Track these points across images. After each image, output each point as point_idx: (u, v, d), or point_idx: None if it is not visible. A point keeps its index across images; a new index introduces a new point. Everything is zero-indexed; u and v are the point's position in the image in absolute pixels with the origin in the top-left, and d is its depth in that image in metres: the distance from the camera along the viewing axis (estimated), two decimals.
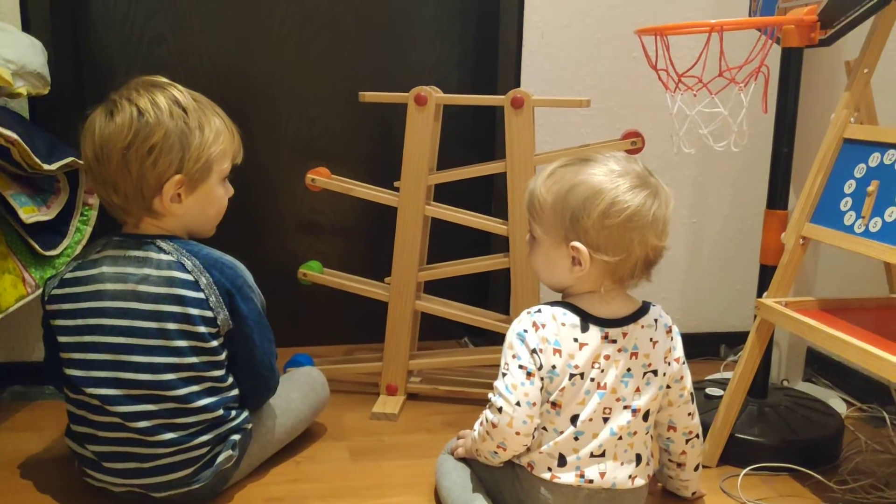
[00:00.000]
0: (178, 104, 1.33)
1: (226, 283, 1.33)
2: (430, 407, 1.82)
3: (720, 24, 1.48)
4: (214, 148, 1.35)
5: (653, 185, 1.20)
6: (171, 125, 1.30)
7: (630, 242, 1.17)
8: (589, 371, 1.20)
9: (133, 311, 1.30)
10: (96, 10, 1.95)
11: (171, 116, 1.31)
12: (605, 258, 1.18)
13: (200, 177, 1.34)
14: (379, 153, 2.13)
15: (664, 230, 1.20)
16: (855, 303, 1.55)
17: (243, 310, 1.35)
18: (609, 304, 1.23)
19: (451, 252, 1.90)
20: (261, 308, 1.40)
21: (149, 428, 1.30)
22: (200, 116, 1.34)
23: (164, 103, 1.31)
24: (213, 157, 1.35)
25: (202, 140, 1.33)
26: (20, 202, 1.56)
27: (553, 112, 2.02)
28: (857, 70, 1.49)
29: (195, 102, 1.35)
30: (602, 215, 1.16)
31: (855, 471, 1.54)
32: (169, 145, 1.30)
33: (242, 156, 1.45)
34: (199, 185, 1.35)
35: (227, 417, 1.37)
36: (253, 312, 1.37)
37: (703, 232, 2.19)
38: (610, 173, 1.18)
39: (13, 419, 1.73)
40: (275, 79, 2.06)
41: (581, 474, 1.22)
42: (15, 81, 1.55)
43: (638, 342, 1.22)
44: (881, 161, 1.38)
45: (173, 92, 1.34)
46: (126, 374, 1.30)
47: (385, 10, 2.08)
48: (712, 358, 2.19)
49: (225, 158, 1.38)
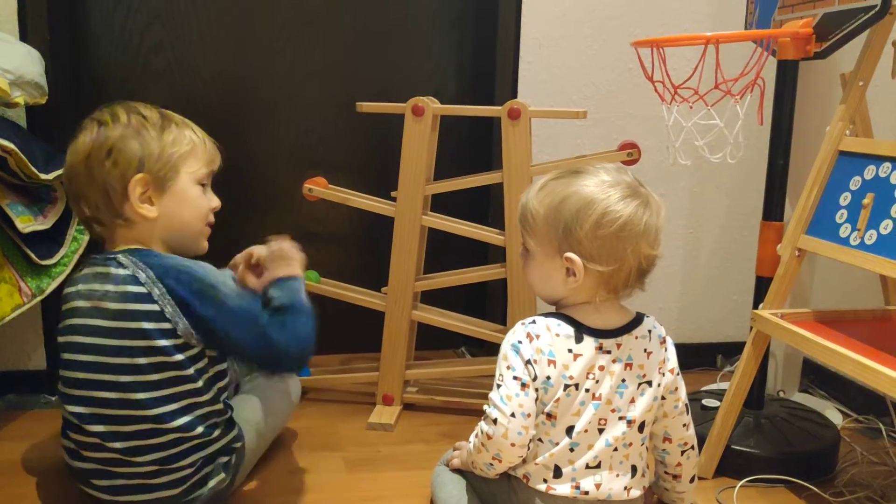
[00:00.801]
0: (139, 114, 1.33)
1: (181, 290, 1.26)
2: (426, 417, 1.82)
3: (716, 36, 1.48)
4: (177, 148, 1.33)
5: (643, 194, 1.21)
6: (127, 129, 1.30)
7: (623, 252, 1.18)
8: (584, 382, 1.20)
9: (98, 328, 1.27)
10: (94, 19, 1.95)
11: (129, 122, 1.31)
12: (598, 268, 1.18)
13: (166, 175, 1.32)
14: (376, 163, 2.13)
15: (656, 239, 1.21)
16: (850, 314, 1.55)
17: (206, 315, 1.27)
18: (603, 315, 1.23)
19: (448, 262, 1.91)
20: (233, 301, 1.30)
21: (126, 449, 1.27)
22: (163, 123, 1.33)
23: (123, 115, 1.32)
24: (178, 157, 1.32)
25: (161, 139, 1.31)
26: (17, 212, 1.56)
27: (549, 122, 2.03)
28: (852, 82, 1.50)
29: (159, 114, 1.35)
30: (595, 225, 1.17)
31: (851, 483, 1.54)
32: (126, 145, 1.29)
33: (220, 163, 1.42)
34: (168, 185, 1.32)
35: (211, 436, 1.33)
36: (221, 311, 1.28)
37: (700, 242, 2.19)
38: (601, 184, 1.19)
39: (8, 428, 1.72)
40: (272, 88, 2.06)
41: (576, 486, 1.22)
42: (12, 91, 1.56)
43: (632, 353, 1.23)
44: (876, 174, 1.38)
45: (138, 107, 1.34)
46: (98, 393, 1.27)
47: (383, 19, 2.09)
48: (708, 368, 2.19)
49: (193, 160, 1.35)
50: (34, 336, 1.88)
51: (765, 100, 1.58)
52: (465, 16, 2.13)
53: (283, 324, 1.30)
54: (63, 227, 1.70)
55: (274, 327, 1.29)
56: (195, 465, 1.32)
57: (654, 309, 2.13)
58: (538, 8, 1.99)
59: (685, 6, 2.04)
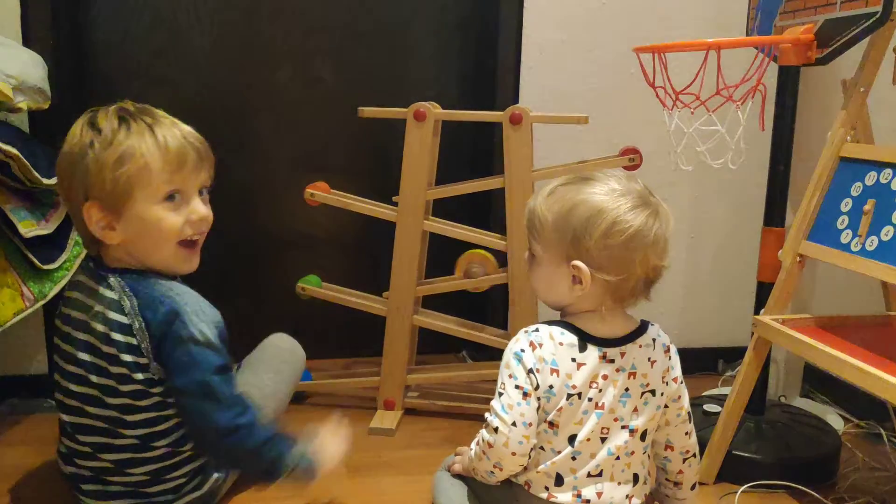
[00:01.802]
0: (94, 126, 1.22)
1: (154, 324, 1.21)
2: (427, 422, 1.82)
3: (717, 42, 1.49)
4: (124, 168, 1.19)
5: (653, 204, 1.20)
6: (74, 149, 1.21)
7: (631, 262, 1.17)
8: (587, 391, 1.20)
9: (86, 344, 1.26)
10: (97, 25, 1.95)
11: (79, 139, 1.22)
12: (606, 277, 1.17)
13: (118, 199, 1.21)
14: (378, 168, 2.13)
15: (665, 249, 1.20)
16: (852, 320, 1.55)
17: (165, 351, 1.20)
18: (608, 324, 1.23)
19: (450, 267, 1.91)
20: (196, 347, 1.21)
21: (118, 461, 1.27)
22: (113, 136, 1.21)
23: (78, 129, 1.23)
24: (125, 179, 1.20)
25: (102, 162, 1.19)
26: (19, 217, 1.57)
27: (551, 127, 2.02)
28: (853, 88, 1.50)
29: (120, 122, 1.23)
30: (604, 235, 1.16)
31: (852, 488, 1.54)
32: (72, 171, 1.21)
33: (210, 171, 1.31)
34: (123, 210, 1.21)
35: (201, 453, 1.32)
36: (192, 374, 1.20)
37: (701, 247, 2.19)
38: (611, 192, 1.18)
39: (10, 433, 1.73)
40: (275, 93, 2.07)
41: (578, 494, 1.21)
42: (15, 96, 1.56)
43: (636, 362, 1.22)
44: (877, 180, 1.38)
45: (99, 116, 1.24)
46: (88, 407, 1.26)
47: (385, 25, 2.09)
48: (710, 373, 2.19)
49: (149, 178, 1.21)
50: (36, 340, 1.88)
51: (766, 105, 1.58)
52: (466, 21, 2.13)
53: (243, 412, 1.24)
54: (65, 231, 1.70)
55: (230, 413, 1.22)
56: (188, 476, 1.32)
57: (655, 314, 2.12)
58: (539, 13, 1.99)
59: (686, 12, 2.04)
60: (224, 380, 1.23)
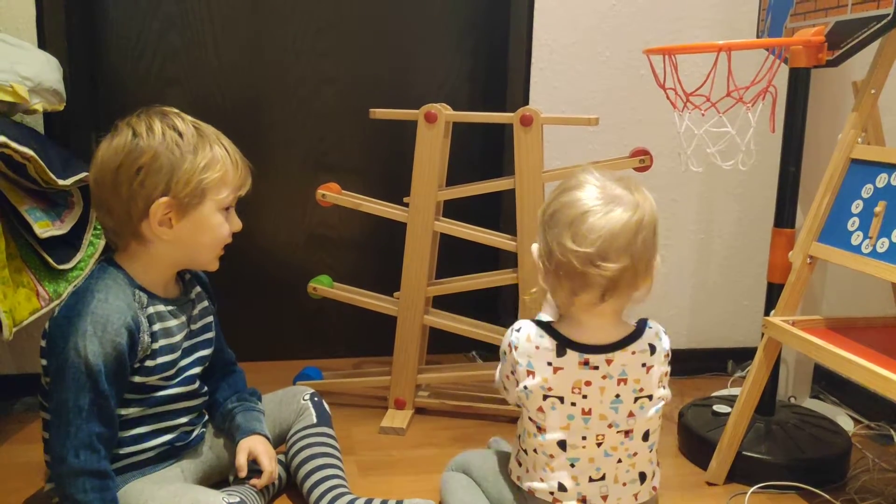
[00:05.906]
0: (175, 129, 1.29)
1: (49, 328, 1.33)
2: (438, 421, 1.83)
3: (728, 44, 1.49)
4: (208, 174, 1.29)
5: (617, 199, 1.15)
6: (161, 147, 1.26)
7: (555, 252, 1.16)
8: (568, 396, 1.20)
9: None
10: (111, 27, 1.97)
11: (164, 139, 1.27)
12: (545, 264, 1.19)
13: (191, 202, 1.29)
14: (389, 169, 2.14)
15: (619, 249, 1.13)
16: (862, 322, 1.55)
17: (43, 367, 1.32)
18: (591, 330, 1.21)
19: (460, 267, 1.92)
20: (70, 386, 1.28)
21: None
22: (197, 142, 1.29)
23: (159, 127, 1.28)
24: (207, 184, 1.29)
25: (193, 164, 1.27)
26: (35, 217, 1.58)
27: (561, 128, 2.03)
28: (864, 90, 1.50)
29: (195, 130, 1.31)
30: (549, 225, 1.17)
31: (862, 489, 1.55)
32: (157, 166, 1.26)
33: (250, 186, 1.39)
34: (191, 211, 1.30)
35: None
36: (56, 386, 1.30)
37: (711, 248, 2.19)
38: (581, 187, 1.18)
39: (25, 430, 1.74)
40: (286, 94, 2.08)
41: (583, 499, 1.22)
42: (31, 98, 1.58)
43: (627, 368, 1.21)
44: (888, 182, 1.38)
45: (173, 119, 1.30)
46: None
47: (396, 26, 2.10)
48: (720, 374, 2.19)
49: (222, 187, 1.32)
50: None
51: (777, 107, 1.58)
52: (477, 23, 2.14)
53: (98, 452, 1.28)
54: (80, 231, 1.72)
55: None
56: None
57: (665, 314, 2.13)
58: (550, 15, 2.00)
59: (697, 14, 2.04)
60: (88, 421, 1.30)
